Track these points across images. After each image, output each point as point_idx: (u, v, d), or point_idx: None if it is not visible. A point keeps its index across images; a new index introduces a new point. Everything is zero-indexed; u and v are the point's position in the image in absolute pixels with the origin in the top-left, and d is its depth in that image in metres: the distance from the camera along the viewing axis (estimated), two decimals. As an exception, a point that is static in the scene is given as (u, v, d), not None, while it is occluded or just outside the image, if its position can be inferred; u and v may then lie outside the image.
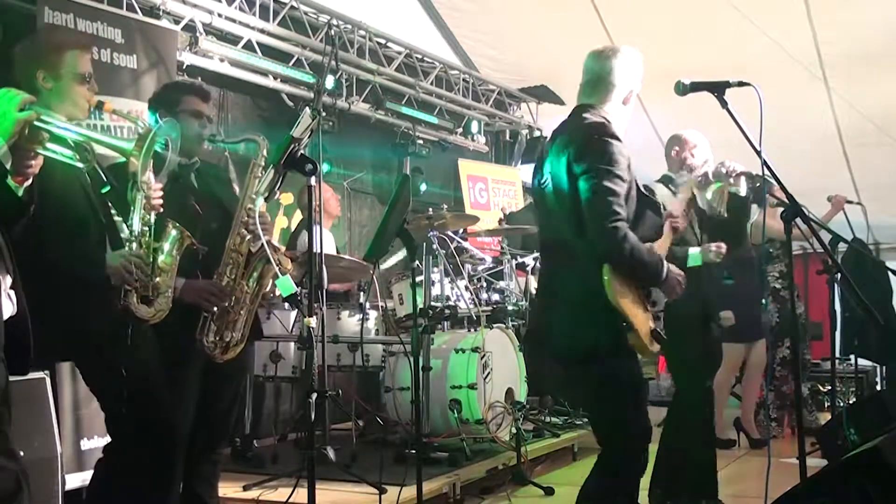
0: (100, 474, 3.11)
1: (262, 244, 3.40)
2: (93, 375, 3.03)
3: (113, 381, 2.93)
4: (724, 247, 4.24)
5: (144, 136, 2.76)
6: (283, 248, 3.58)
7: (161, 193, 3.09)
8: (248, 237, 3.44)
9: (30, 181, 2.42)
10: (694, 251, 4.22)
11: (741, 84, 3.03)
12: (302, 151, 3.21)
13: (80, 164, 2.57)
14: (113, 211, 3.07)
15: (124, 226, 3.05)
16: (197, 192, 3.51)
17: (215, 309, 3.36)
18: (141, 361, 2.98)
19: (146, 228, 3.02)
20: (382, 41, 7.38)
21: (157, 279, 3.04)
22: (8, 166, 2.30)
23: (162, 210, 3.09)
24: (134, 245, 2.97)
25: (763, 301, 5.97)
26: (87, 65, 3.01)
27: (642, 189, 3.23)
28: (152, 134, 2.77)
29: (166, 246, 3.10)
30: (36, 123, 2.37)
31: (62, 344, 2.89)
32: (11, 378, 2.35)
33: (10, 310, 2.30)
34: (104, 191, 3.02)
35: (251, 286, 3.47)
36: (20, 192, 2.39)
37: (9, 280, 2.31)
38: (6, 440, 2.29)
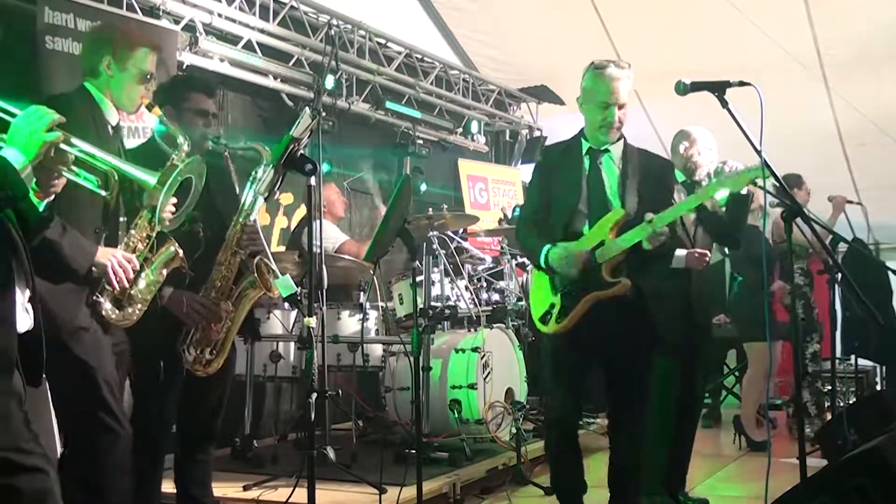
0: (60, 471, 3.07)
1: (258, 260, 3.38)
2: (51, 365, 3.00)
3: (69, 373, 2.89)
4: (707, 255, 4.25)
5: (168, 172, 2.76)
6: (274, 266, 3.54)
7: (173, 209, 3.08)
8: (241, 253, 3.42)
9: (52, 198, 2.42)
10: (679, 253, 4.17)
11: (742, 84, 3.02)
12: (302, 151, 3.21)
13: (102, 192, 2.56)
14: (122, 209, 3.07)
15: (128, 227, 3.05)
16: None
17: (198, 325, 3.34)
18: (101, 357, 2.95)
19: (146, 237, 3.01)
20: (382, 41, 7.38)
21: (135, 290, 3.01)
22: (32, 183, 2.30)
23: (168, 223, 3.07)
24: (126, 248, 2.96)
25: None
26: (151, 65, 3.11)
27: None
28: (176, 172, 2.77)
29: (157, 260, 3.07)
30: (62, 146, 2.37)
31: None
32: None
33: (27, 323, 2.30)
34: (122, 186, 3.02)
35: (233, 306, 3.43)
36: (41, 207, 2.39)
37: (27, 294, 2.31)
38: (38, 442, 2.27)
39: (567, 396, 3.65)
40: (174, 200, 3.05)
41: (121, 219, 3.07)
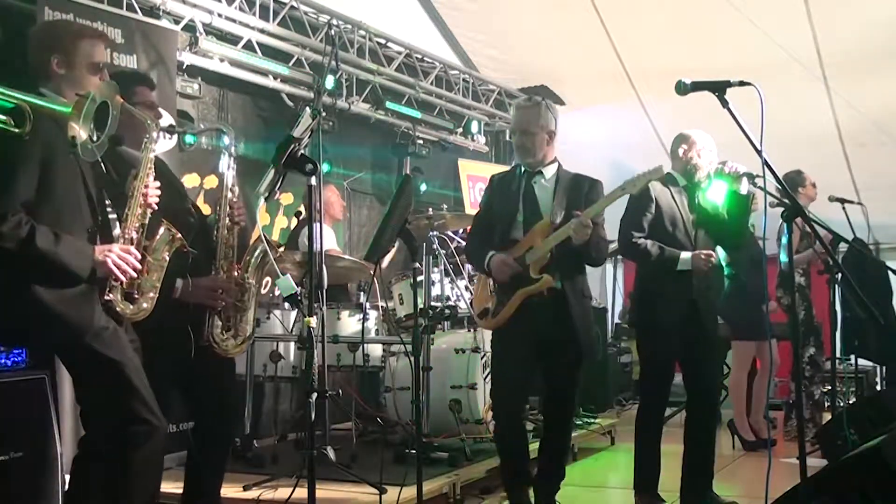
0: (79, 470, 3.08)
1: (261, 236, 3.44)
2: (77, 366, 3.00)
3: (97, 370, 2.91)
4: (713, 256, 4.34)
5: (84, 98, 2.76)
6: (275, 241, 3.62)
7: (158, 192, 3.10)
8: (235, 228, 3.47)
9: None
10: (685, 256, 4.27)
11: (742, 83, 3.02)
12: (302, 151, 3.22)
13: (15, 130, 2.56)
14: (108, 203, 3.07)
15: (117, 221, 3.06)
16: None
17: (223, 304, 3.38)
18: (126, 351, 2.97)
19: (139, 226, 3.02)
20: (382, 41, 7.38)
21: (142, 279, 3.02)
22: None
23: (156, 208, 3.10)
24: (123, 241, 2.97)
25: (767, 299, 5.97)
26: (101, 55, 3.04)
27: None
28: (90, 97, 2.76)
29: (156, 246, 3.08)
30: None
31: (48, 334, 2.89)
32: (12, 378, 2.35)
33: None
34: (104, 182, 3.03)
35: (254, 275, 3.51)
36: None
37: None
38: None
39: (508, 386, 4.10)
40: (157, 184, 3.09)
41: (110, 215, 3.08)
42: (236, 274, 3.46)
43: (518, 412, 4.28)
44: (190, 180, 5.47)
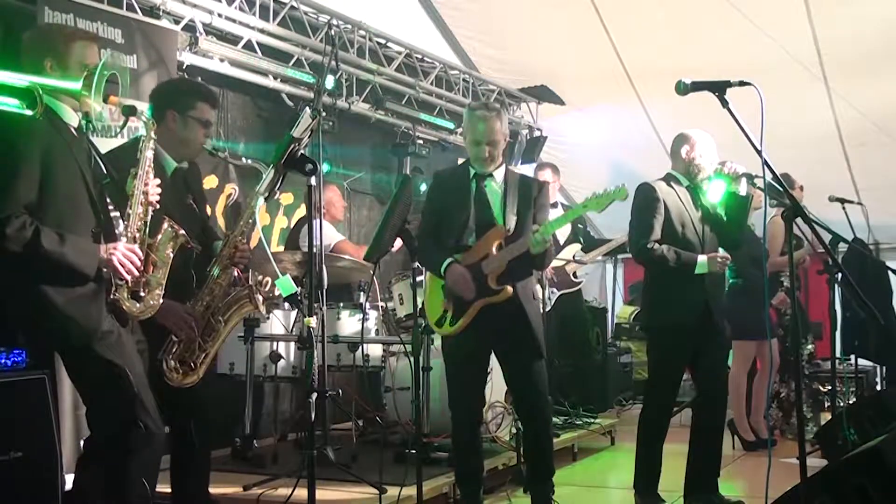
0: (83, 471, 3.10)
1: (252, 278, 3.44)
2: (79, 369, 3.01)
3: (99, 375, 2.92)
4: (728, 257, 4.39)
5: (92, 72, 2.77)
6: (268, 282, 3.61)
7: (159, 190, 3.11)
8: (230, 270, 3.45)
9: None
10: (702, 259, 4.31)
11: (742, 84, 3.02)
12: (302, 151, 3.22)
13: (28, 112, 2.57)
14: (110, 204, 3.08)
15: (120, 220, 3.07)
16: (184, 194, 3.53)
17: (186, 338, 3.35)
18: (129, 356, 2.98)
19: (142, 224, 3.03)
20: (382, 41, 7.38)
21: (148, 275, 3.04)
22: None
23: (158, 206, 3.10)
24: (126, 239, 2.98)
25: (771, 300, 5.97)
26: (94, 56, 3.05)
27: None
28: (99, 69, 2.78)
29: (159, 243, 3.10)
30: None
31: (56, 335, 2.90)
32: (12, 378, 2.35)
33: None
34: (104, 182, 3.04)
35: (223, 320, 3.46)
36: None
37: None
38: None
39: (468, 389, 4.14)
40: (157, 181, 3.10)
41: (112, 213, 3.08)
42: (205, 311, 3.42)
43: (479, 415, 4.28)
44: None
